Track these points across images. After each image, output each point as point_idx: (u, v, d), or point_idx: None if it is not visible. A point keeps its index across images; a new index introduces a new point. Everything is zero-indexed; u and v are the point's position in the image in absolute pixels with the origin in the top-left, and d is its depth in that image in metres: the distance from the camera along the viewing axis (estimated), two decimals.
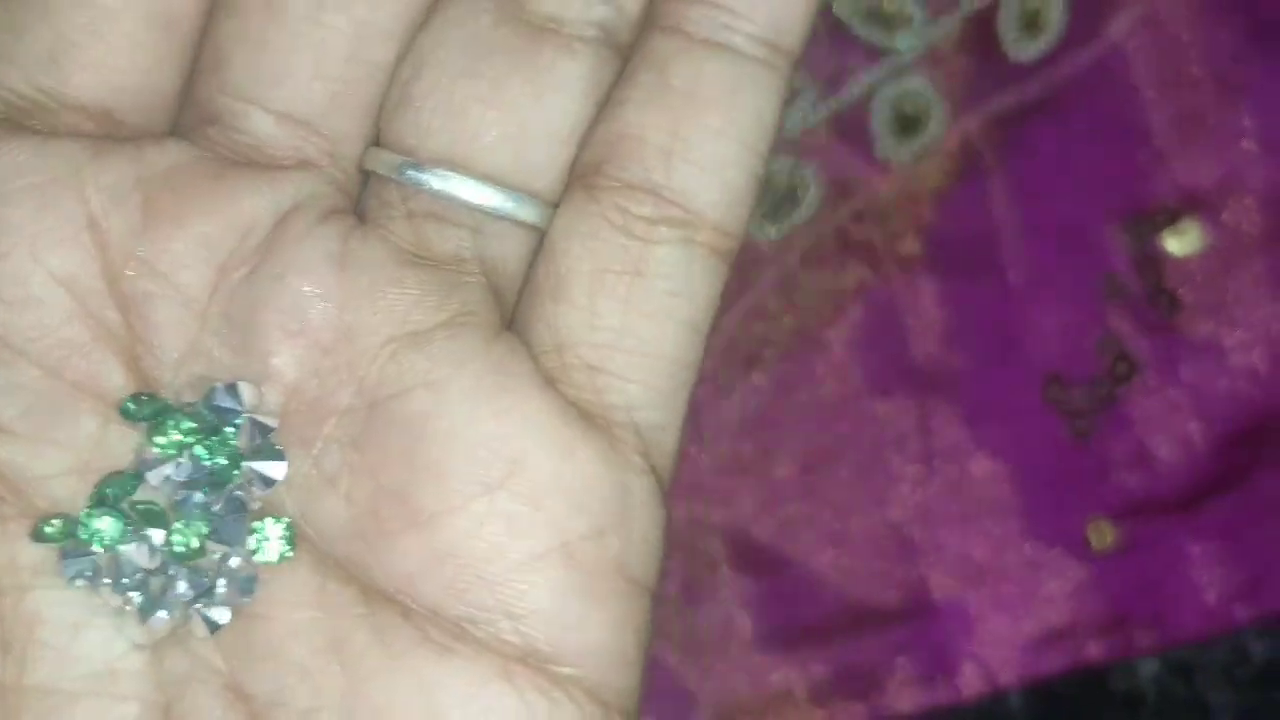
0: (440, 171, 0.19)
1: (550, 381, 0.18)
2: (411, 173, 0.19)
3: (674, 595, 0.38)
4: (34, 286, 0.18)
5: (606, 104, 0.19)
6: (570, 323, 0.18)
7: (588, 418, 0.18)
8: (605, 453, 0.18)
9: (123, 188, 0.18)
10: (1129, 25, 0.41)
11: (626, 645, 0.18)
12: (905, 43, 0.40)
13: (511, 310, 0.19)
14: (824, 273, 0.39)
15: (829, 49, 0.40)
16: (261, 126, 0.19)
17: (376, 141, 0.19)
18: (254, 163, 0.19)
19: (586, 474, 0.18)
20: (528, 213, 0.19)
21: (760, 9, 0.18)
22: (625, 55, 0.19)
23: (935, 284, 0.40)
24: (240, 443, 0.18)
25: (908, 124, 0.40)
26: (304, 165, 0.19)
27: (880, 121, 0.40)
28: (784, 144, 0.39)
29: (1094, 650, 0.39)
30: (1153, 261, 0.40)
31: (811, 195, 0.40)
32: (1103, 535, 0.39)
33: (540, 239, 0.19)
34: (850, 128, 0.40)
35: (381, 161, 0.19)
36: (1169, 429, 0.40)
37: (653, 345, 0.19)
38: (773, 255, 0.39)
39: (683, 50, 0.18)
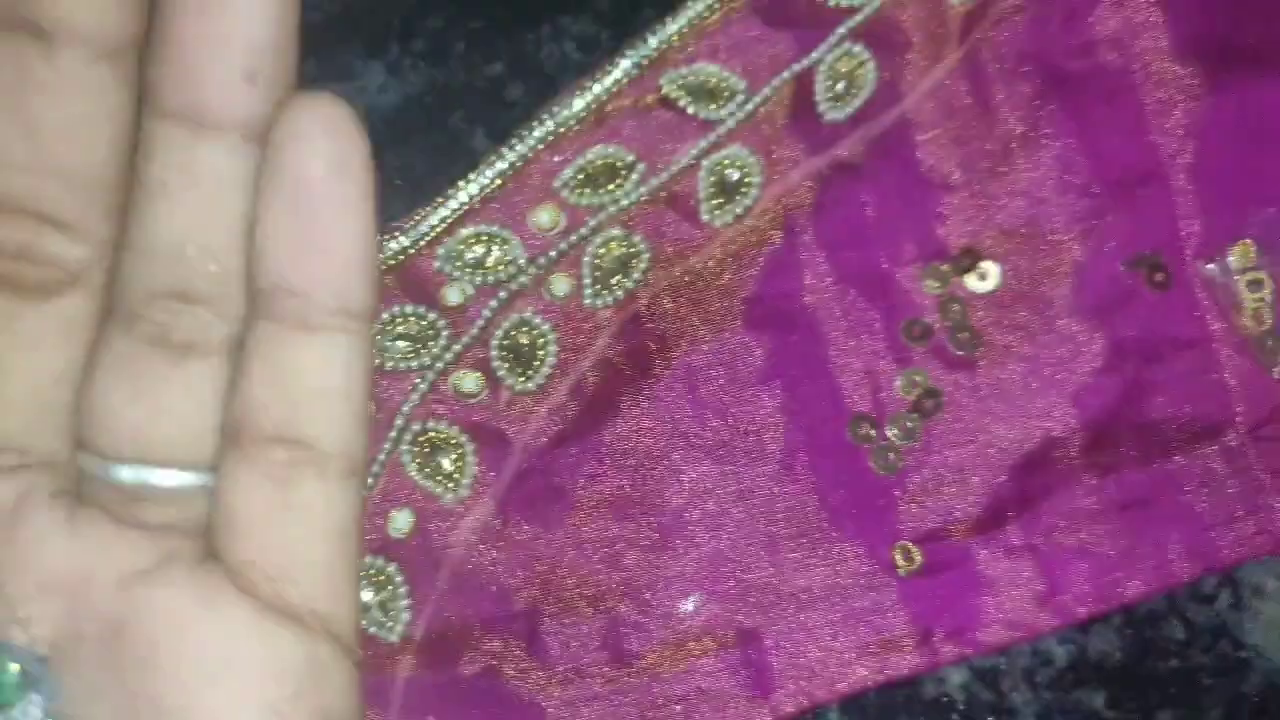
0: (128, 467, 0.24)
1: (246, 591, 0.24)
2: (110, 469, 0.24)
3: (523, 641, 0.42)
4: None
5: (234, 378, 0.24)
6: (247, 550, 0.24)
7: (278, 612, 0.24)
8: (295, 635, 0.24)
9: None
10: (933, 81, 0.44)
11: None
12: (730, 113, 0.43)
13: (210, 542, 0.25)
14: (654, 330, 0.43)
15: (657, 127, 0.43)
16: None
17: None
18: None
19: (282, 654, 0.24)
20: (200, 479, 0.24)
21: (332, 289, 0.23)
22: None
23: (754, 335, 0.43)
24: (21, 675, 0.23)
25: (730, 189, 0.44)
26: (31, 467, 0.24)
27: (704, 188, 0.43)
28: (615, 218, 0.43)
29: (904, 665, 0.42)
30: (956, 302, 0.44)
31: (643, 262, 0.43)
32: (909, 559, 0.43)
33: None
34: (677, 197, 0.43)
35: (86, 463, 0.24)
36: (972, 457, 0.43)
37: (312, 555, 0.24)
38: (606, 322, 0.43)
39: (279, 334, 0.23)
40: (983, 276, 0.44)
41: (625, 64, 0.43)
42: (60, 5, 0.21)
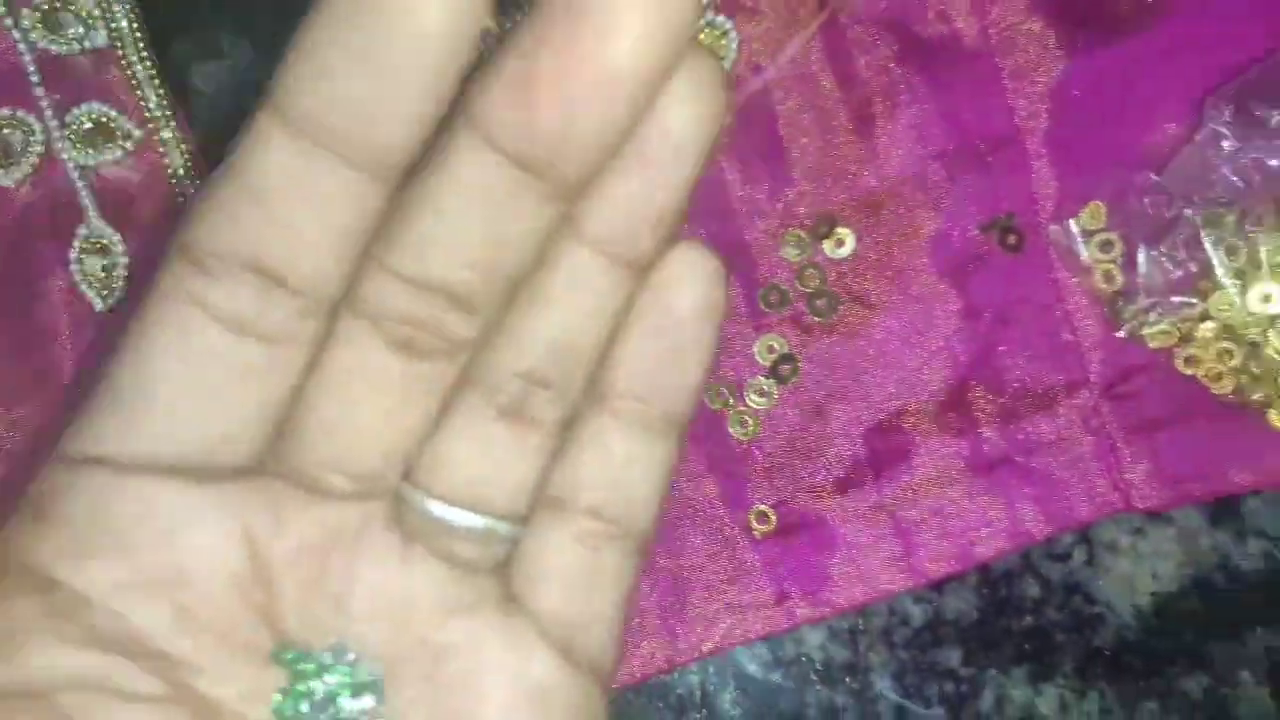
0: (441, 504, 0.28)
1: (543, 634, 0.28)
2: (425, 502, 0.27)
3: None
4: (217, 585, 0.26)
5: (562, 458, 0.28)
6: (549, 599, 0.28)
7: (565, 654, 0.28)
8: (577, 681, 0.28)
9: (261, 509, 0.27)
10: (793, 49, 0.44)
11: None
12: None
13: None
14: None
15: None
16: (337, 484, 0.27)
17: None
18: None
19: (570, 697, 0.28)
20: (508, 530, 0.28)
21: (672, 404, 0.28)
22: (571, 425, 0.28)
23: None
24: (349, 678, 0.27)
25: None
26: (376, 497, 0.28)
27: None
28: None
29: (761, 625, 0.43)
30: (813, 269, 0.44)
31: None
32: (766, 521, 0.44)
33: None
34: None
35: (409, 496, 0.28)
36: (830, 420, 0.44)
37: (603, 613, 0.28)
38: None
39: (617, 429, 0.28)
40: (840, 243, 0.44)
41: None
42: (567, 160, 0.24)
